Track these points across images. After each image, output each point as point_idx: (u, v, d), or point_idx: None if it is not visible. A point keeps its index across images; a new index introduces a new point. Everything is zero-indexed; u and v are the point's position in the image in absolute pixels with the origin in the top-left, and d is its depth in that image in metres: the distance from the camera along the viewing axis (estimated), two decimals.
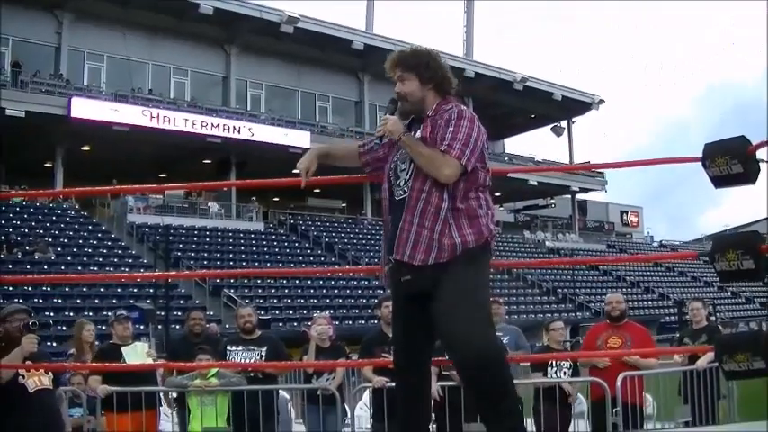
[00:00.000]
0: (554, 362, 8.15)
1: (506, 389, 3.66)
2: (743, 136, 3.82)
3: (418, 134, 3.80)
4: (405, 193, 3.74)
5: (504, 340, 8.30)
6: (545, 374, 8.15)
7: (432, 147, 3.68)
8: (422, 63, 3.88)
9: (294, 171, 4.12)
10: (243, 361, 7.95)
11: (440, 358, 4.34)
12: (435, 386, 6.86)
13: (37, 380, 5.81)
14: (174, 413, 8.26)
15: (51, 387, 5.95)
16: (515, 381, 4.14)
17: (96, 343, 8.76)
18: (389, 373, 7.00)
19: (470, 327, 3.57)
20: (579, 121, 54.20)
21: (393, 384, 6.78)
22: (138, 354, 8.09)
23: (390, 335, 7.48)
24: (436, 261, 3.61)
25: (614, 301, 8.29)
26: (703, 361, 8.02)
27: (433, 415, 6.10)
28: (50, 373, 5.95)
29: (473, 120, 3.76)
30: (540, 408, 7.83)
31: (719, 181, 3.88)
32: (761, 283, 46.18)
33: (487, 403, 3.61)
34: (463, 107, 3.85)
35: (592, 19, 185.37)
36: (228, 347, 8.13)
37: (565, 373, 8.15)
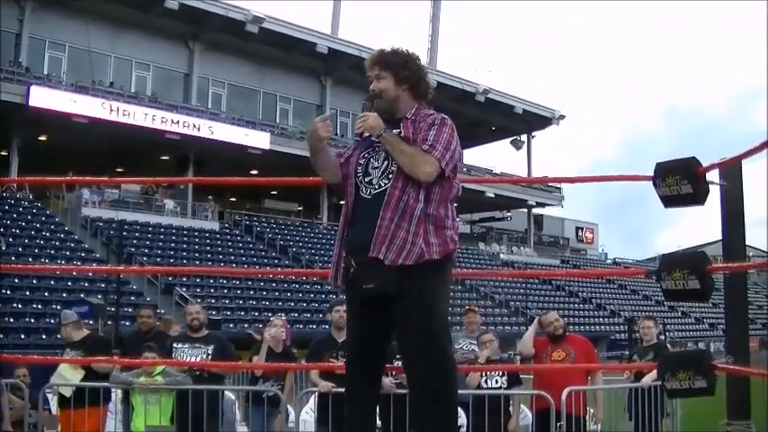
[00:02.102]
0: (484, 372, 8.10)
1: (454, 402, 3.71)
2: (694, 157, 3.87)
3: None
4: (377, 190, 3.71)
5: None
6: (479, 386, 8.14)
7: (413, 146, 3.69)
8: (399, 62, 3.90)
9: (252, 171, 4.10)
10: (189, 359, 7.88)
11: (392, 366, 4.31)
12: (387, 380, 6.76)
13: None
14: (118, 411, 8.19)
15: None
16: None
17: None
18: (336, 378, 6.98)
19: (431, 342, 3.59)
20: (539, 136, 54.58)
21: (340, 390, 6.81)
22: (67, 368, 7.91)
23: (340, 340, 7.52)
24: (403, 263, 3.56)
25: (554, 321, 8.36)
26: (648, 378, 8.06)
27: (379, 422, 6.08)
28: None
29: (454, 129, 3.80)
30: (479, 421, 7.77)
31: (669, 200, 3.93)
32: (710, 304, 46.92)
33: (436, 415, 3.61)
34: (446, 116, 3.87)
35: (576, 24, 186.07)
36: (175, 345, 8.08)
37: (496, 381, 8.15)
